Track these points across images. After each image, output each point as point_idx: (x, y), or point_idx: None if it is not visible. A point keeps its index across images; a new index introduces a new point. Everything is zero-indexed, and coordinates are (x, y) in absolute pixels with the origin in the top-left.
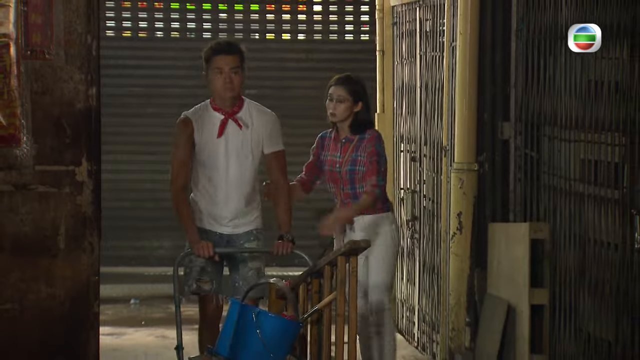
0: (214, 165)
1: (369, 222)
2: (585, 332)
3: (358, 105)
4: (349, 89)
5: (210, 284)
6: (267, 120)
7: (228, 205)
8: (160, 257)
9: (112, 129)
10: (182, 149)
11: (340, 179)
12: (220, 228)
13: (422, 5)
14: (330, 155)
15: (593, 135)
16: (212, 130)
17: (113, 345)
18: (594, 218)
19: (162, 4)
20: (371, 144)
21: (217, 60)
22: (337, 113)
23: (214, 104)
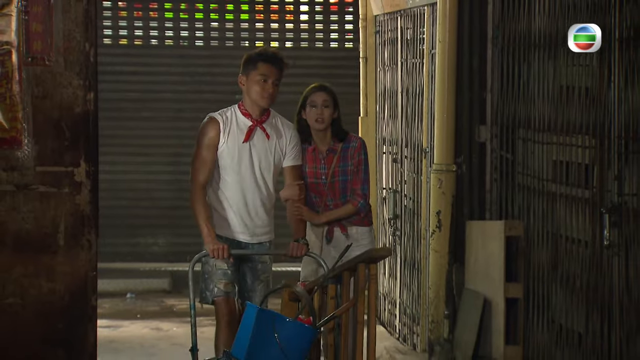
0: (236, 169)
1: (361, 233)
2: (558, 324)
3: (335, 112)
4: (329, 95)
5: (232, 286)
6: (293, 134)
7: (247, 212)
8: (155, 253)
9: (109, 131)
10: (205, 148)
11: (326, 191)
12: (239, 236)
13: (403, 14)
14: (311, 167)
15: (565, 138)
16: (239, 134)
17: (110, 337)
18: (565, 216)
19: (156, 14)
20: (359, 153)
21: (264, 68)
22: (324, 118)
23: (243, 109)
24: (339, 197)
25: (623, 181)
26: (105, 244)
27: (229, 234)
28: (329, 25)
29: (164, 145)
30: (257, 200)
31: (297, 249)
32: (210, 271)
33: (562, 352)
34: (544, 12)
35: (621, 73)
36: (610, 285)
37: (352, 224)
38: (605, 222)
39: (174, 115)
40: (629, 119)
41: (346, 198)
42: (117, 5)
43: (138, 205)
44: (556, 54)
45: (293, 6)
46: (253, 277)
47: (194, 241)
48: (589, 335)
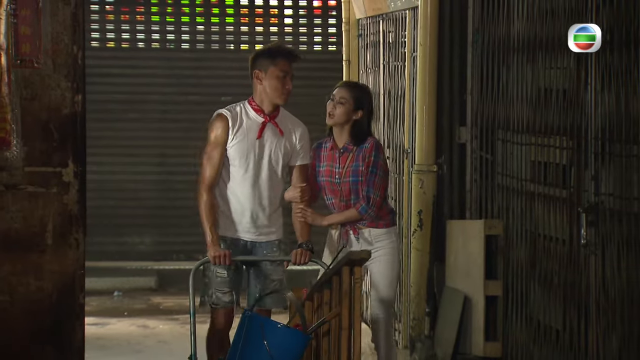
0: (245, 166)
1: (375, 235)
2: (536, 321)
3: (358, 113)
4: (351, 93)
5: (230, 295)
6: (302, 132)
7: (256, 210)
8: (141, 252)
9: (97, 133)
10: (214, 145)
11: (340, 191)
12: (244, 234)
13: (385, 18)
14: (327, 166)
15: (543, 139)
16: (250, 131)
17: (97, 335)
18: (543, 216)
19: (143, 17)
20: (369, 154)
21: (284, 64)
22: (335, 114)
23: (254, 105)
24: (349, 198)
25: (599, 181)
26: (92, 243)
27: (234, 233)
28: (312, 29)
29: (150, 146)
30: (266, 198)
31: (301, 256)
32: (210, 276)
33: (540, 349)
34: (522, 16)
35: (598, 76)
36: (587, 283)
37: (365, 225)
38: (582, 222)
39: (160, 117)
40: (605, 120)
41: (358, 200)
42: (104, 9)
43: (125, 205)
44: (534, 57)
45: (277, 10)
46: (265, 278)
47: (180, 240)
48: (567, 332)
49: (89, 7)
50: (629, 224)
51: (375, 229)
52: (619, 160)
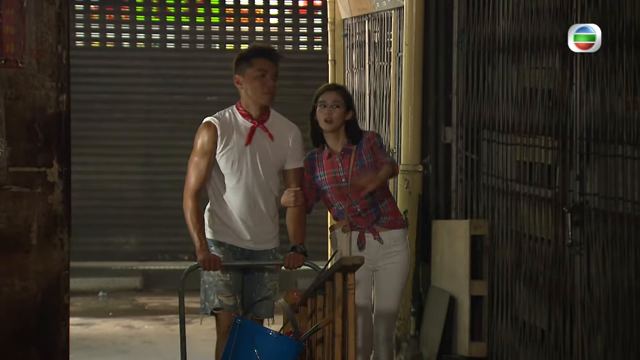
0: (238, 174)
1: (395, 238)
2: (521, 321)
3: (349, 113)
4: (343, 95)
5: (234, 299)
6: (294, 135)
7: (251, 219)
8: (126, 252)
9: (81, 133)
10: (199, 154)
11: (348, 194)
12: (242, 243)
13: (370, 18)
14: (329, 173)
15: (528, 139)
16: (239, 138)
17: (82, 335)
18: (529, 215)
19: (128, 17)
20: (371, 142)
21: (261, 62)
22: (333, 118)
23: (242, 110)
24: (363, 196)
25: (584, 181)
26: (77, 243)
27: (232, 240)
28: (298, 29)
29: (135, 146)
30: (261, 206)
31: (294, 260)
32: (210, 281)
33: (525, 348)
34: (507, 17)
35: (582, 76)
36: (572, 283)
37: (384, 227)
38: (568, 221)
39: (145, 117)
40: (590, 120)
41: (372, 196)
42: (89, 8)
43: (110, 205)
44: (520, 57)
45: (263, 9)
46: (261, 286)
47: (165, 240)
48: (552, 332)
49: (73, 6)
50: (613, 223)
51: (393, 230)
52: (603, 160)
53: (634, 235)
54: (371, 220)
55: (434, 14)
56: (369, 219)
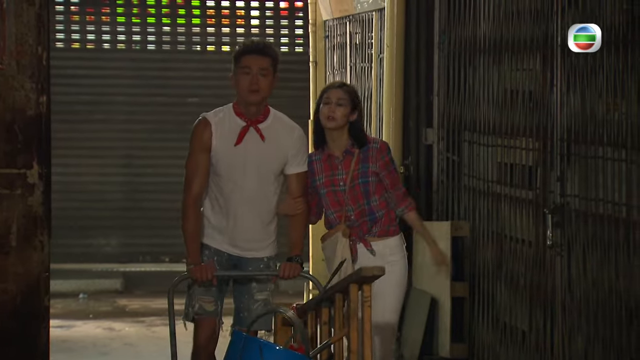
0: (229, 176)
1: (391, 247)
2: (502, 322)
3: (354, 114)
4: (348, 93)
5: (214, 305)
6: (295, 137)
7: (241, 225)
8: (107, 254)
9: (62, 134)
10: (197, 154)
11: (345, 200)
12: (229, 249)
13: (351, 20)
14: (327, 177)
15: (509, 141)
16: (231, 137)
17: (62, 337)
18: (510, 217)
19: (108, 18)
20: (384, 154)
21: (246, 59)
22: (336, 116)
23: (237, 108)
24: (362, 202)
25: (565, 182)
26: (57, 244)
27: (219, 245)
28: (279, 30)
29: (116, 147)
30: (253, 212)
31: (290, 270)
32: (193, 285)
33: (506, 350)
34: (488, 18)
35: (563, 77)
36: (553, 284)
37: (376, 236)
38: (548, 223)
39: (126, 118)
40: (571, 121)
41: (370, 204)
42: (69, 9)
43: (90, 207)
44: (500, 58)
45: (244, 11)
46: (248, 297)
47: (146, 242)
48: (533, 333)
49: (53, 7)
50: (594, 224)
51: (388, 239)
52: (584, 161)
53: (614, 237)
54: (364, 231)
55: (415, 15)
56: (362, 228)
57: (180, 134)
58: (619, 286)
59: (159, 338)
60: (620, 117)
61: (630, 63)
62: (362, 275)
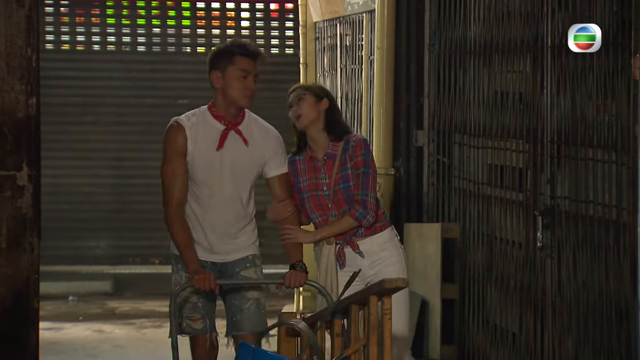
0: (206, 181)
1: (379, 243)
2: (492, 324)
3: (323, 102)
4: (306, 88)
5: (202, 322)
6: (272, 139)
7: (220, 229)
8: (97, 256)
9: (51, 136)
10: (174, 160)
11: (329, 204)
12: (211, 256)
13: (342, 21)
14: (310, 179)
15: (499, 142)
16: (209, 141)
17: (52, 339)
18: (500, 218)
19: (98, 19)
20: (357, 153)
21: (244, 62)
22: (302, 112)
23: (214, 111)
24: (345, 207)
25: (555, 184)
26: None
27: (205, 255)
28: (269, 32)
29: (106, 149)
30: (231, 217)
31: (295, 279)
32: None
33: (496, 352)
34: (479, 20)
35: (553, 79)
36: (543, 286)
37: (362, 236)
38: (539, 224)
39: (116, 120)
40: (561, 123)
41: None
42: (59, 11)
43: (80, 209)
44: (491, 60)
45: (234, 12)
46: (240, 297)
47: (135, 244)
48: (523, 335)
49: (43, 9)
50: (584, 226)
51: (376, 236)
52: (574, 163)
53: (604, 238)
54: (349, 234)
55: (405, 17)
56: (346, 232)
57: None
58: (609, 288)
59: (149, 340)
60: (610, 119)
61: (620, 65)
62: (384, 286)
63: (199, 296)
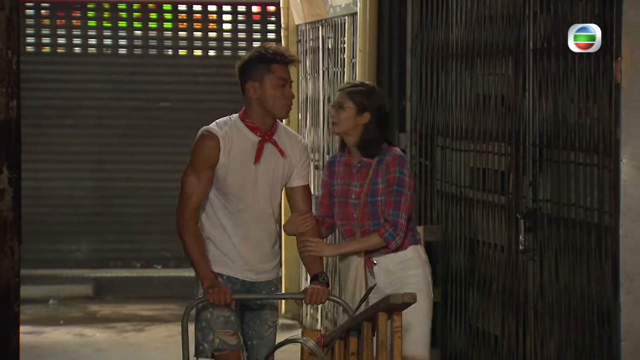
0: (240, 196)
1: (400, 261)
2: (475, 327)
3: (364, 115)
4: (351, 96)
5: (237, 338)
6: (302, 147)
7: (254, 246)
8: (78, 259)
9: (32, 139)
10: (201, 170)
11: (355, 214)
12: (242, 274)
13: (324, 24)
14: (344, 184)
15: (482, 145)
16: (244, 154)
17: (33, 343)
18: (482, 222)
19: (79, 22)
20: (391, 170)
21: (282, 70)
22: (339, 122)
23: (248, 122)
24: (367, 223)
25: (537, 187)
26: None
27: (231, 272)
28: (251, 34)
29: (87, 152)
30: (264, 232)
31: (317, 296)
32: (209, 318)
33: (479, 354)
34: (461, 23)
35: (535, 82)
36: (526, 289)
37: (380, 253)
38: (521, 227)
39: (97, 123)
40: (543, 126)
41: (375, 227)
42: (39, 13)
43: (61, 212)
44: (473, 63)
45: (216, 15)
46: (260, 323)
47: (117, 247)
48: (505, 338)
49: (24, 12)
50: (566, 229)
51: (393, 255)
52: (556, 166)
53: (586, 241)
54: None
55: (387, 20)
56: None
57: (152, 139)
58: (590, 291)
59: (130, 344)
60: (592, 122)
61: (602, 68)
62: (391, 302)
63: (231, 311)
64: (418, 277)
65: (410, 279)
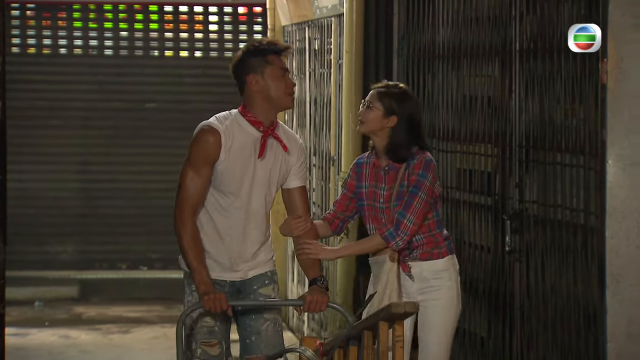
0: (237, 192)
1: (431, 272)
2: (461, 328)
3: (391, 119)
4: (380, 97)
5: (219, 347)
6: (300, 147)
7: (244, 245)
8: (63, 261)
9: (18, 140)
10: (200, 166)
11: (383, 218)
12: (231, 275)
13: (310, 25)
14: (371, 186)
15: (468, 147)
16: (245, 150)
17: (18, 345)
18: (468, 223)
19: (65, 23)
20: (414, 171)
21: (278, 60)
22: (365, 121)
23: (250, 116)
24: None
25: (524, 188)
26: (13, 251)
27: (218, 274)
28: (238, 35)
29: (72, 153)
30: (258, 230)
31: (316, 304)
32: (193, 327)
33: (465, 356)
34: (447, 24)
35: (522, 83)
36: (512, 290)
37: (416, 259)
38: (507, 229)
39: (82, 124)
40: (529, 128)
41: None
42: (25, 14)
43: (47, 213)
44: (459, 64)
45: (202, 16)
46: (256, 318)
47: (102, 249)
48: (491, 339)
49: (9, 12)
50: (552, 230)
51: (430, 262)
52: (542, 167)
53: (572, 243)
54: (403, 255)
55: (374, 21)
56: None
57: (138, 140)
58: (577, 292)
59: (115, 346)
60: (578, 123)
61: (588, 69)
62: (392, 312)
63: (215, 319)
64: (452, 290)
65: (443, 291)
